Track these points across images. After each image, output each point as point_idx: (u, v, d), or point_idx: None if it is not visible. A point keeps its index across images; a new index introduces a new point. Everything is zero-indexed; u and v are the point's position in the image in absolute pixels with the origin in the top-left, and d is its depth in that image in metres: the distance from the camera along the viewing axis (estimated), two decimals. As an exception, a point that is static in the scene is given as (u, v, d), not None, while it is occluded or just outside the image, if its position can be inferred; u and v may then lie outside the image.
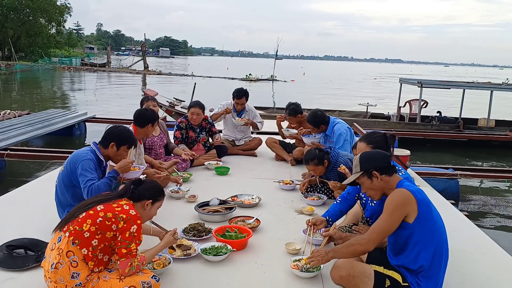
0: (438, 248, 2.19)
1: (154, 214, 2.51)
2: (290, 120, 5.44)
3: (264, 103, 15.50)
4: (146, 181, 2.51)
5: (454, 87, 12.89)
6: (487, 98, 11.54)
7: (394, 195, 2.20)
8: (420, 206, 2.14)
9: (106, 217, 2.16)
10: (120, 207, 2.22)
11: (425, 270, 2.17)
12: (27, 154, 6.77)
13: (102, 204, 2.23)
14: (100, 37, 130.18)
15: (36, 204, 3.77)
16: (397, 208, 2.15)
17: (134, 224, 2.19)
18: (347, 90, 32.09)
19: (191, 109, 5.30)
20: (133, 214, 2.22)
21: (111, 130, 3.14)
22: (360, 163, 2.38)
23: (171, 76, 38.72)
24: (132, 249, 2.18)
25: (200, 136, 5.44)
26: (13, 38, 43.67)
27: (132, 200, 2.36)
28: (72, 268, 2.11)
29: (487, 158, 10.08)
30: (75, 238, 2.13)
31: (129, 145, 3.16)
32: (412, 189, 2.20)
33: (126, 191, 2.38)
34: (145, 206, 2.41)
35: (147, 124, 3.98)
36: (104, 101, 18.87)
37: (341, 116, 12.09)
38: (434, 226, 2.19)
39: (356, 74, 64.46)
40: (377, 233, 2.18)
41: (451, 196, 5.64)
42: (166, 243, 2.58)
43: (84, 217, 2.17)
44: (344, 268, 2.24)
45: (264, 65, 59.97)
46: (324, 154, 3.99)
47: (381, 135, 3.02)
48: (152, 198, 2.43)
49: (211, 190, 4.23)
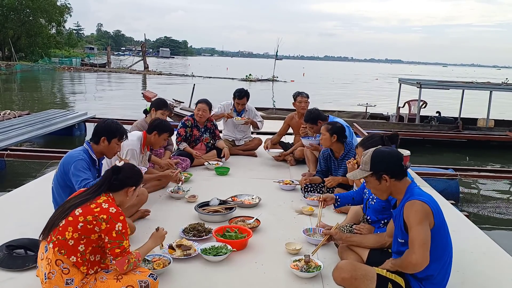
0: (447, 260, 2.18)
1: (134, 198, 2.47)
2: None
3: (264, 103, 15.49)
4: (125, 168, 2.39)
5: (453, 87, 12.88)
6: (487, 99, 11.54)
7: (414, 208, 2.10)
8: (436, 217, 2.11)
9: (86, 221, 2.09)
10: (99, 207, 2.14)
11: (431, 279, 2.16)
12: (27, 154, 6.77)
13: (80, 207, 2.14)
14: (100, 37, 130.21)
15: (36, 204, 3.76)
16: (423, 219, 2.07)
17: (117, 222, 2.12)
18: (349, 90, 32.08)
19: (198, 105, 5.34)
20: (114, 212, 2.14)
21: (99, 125, 3.15)
22: (371, 162, 2.25)
23: (171, 77, 38.71)
24: (125, 246, 2.15)
25: (203, 136, 5.46)
26: (13, 38, 43.67)
27: (114, 190, 2.29)
28: (65, 276, 2.08)
29: (486, 158, 10.06)
30: (60, 248, 2.08)
31: (120, 137, 3.15)
32: (426, 199, 2.13)
33: (104, 182, 2.28)
34: (128, 193, 2.35)
35: (153, 131, 4.01)
36: (104, 101, 18.87)
37: (340, 116, 12.09)
38: (446, 239, 2.18)
39: (357, 75, 64.44)
40: (421, 248, 2.04)
41: (451, 196, 5.63)
42: (155, 240, 2.51)
43: (64, 225, 2.11)
44: (346, 270, 2.21)
45: (264, 66, 59.95)
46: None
47: (378, 139, 3.04)
48: (135, 184, 2.38)
49: (211, 190, 4.23)
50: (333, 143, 4.05)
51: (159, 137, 4.00)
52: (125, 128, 3.29)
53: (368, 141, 3.08)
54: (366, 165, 2.27)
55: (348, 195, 3.19)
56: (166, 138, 4.10)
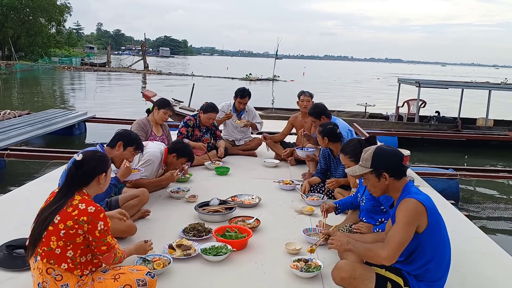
0: (444, 259, 2.19)
1: (109, 181, 2.39)
2: (303, 101, 5.57)
3: (263, 103, 15.49)
4: (87, 159, 2.26)
5: (452, 87, 12.87)
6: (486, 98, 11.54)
7: (406, 206, 2.11)
8: (430, 216, 2.10)
9: (68, 227, 2.04)
10: (76, 210, 2.07)
11: (429, 278, 2.17)
12: (27, 154, 6.77)
13: (58, 214, 2.06)
14: (100, 37, 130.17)
15: (36, 204, 3.71)
16: (411, 220, 2.08)
17: (98, 221, 2.08)
18: (349, 90, 32.07)
19: (210, 114, 5.32)
20: (93, 211, 2.08)
21: (120, 132, 3.23)
22: (373, 159, 2.23)
23: (171, 76, 38.71)
24: (110, 242, 2.13)
25: (204, 136, 5.48)
26: (13, 37, 43.66)
27: (85, 185, 2.21)
28: (58, 282, 2.05)
29: (485, 158, 10.06)
30: (49, 259, 2.04)
31: (136, 147, 3.22)
32: (421, 197, 2.13)
33: (72, 181, 2.19)
34: (100, 180, 2.27)
35: (173, 153, 4.07)
36: (104, 101, 18.86)
37: (339, 116, 12.08)
38: (442, 237, 2.18)
39: (357, 74, 64.42)
40: (396, 246, 2.07)
41: (451, 196, 5.64)
42: (138, 250, 2.53)
43: (46, 236, 2.05)
44: (345, 270, 2.22)
45: (264, 65, 59.95)
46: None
47: (356, 142, 3.14)
48: (103, 170, 2.29)
49: (211, 190, 4.23)
50: (328, 144, 4.08)
51: (177, 160, 4.08)
52: (143, 144, 3.37)
53: (347, 146, 3.17)
54: (367, 162, 2.26)
55: (347, 201, 3.23)
56: (183, 163, 4.15)
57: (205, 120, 5.34)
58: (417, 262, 2.17)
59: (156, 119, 4.83)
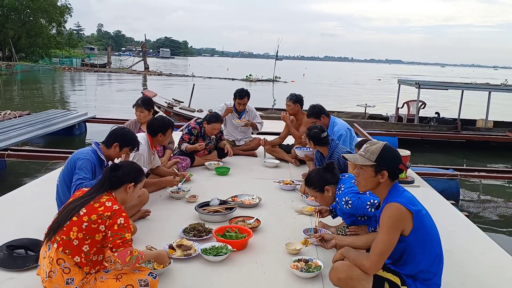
0: (434, 253, 2.19)
1: (137, 195, 2.52)
2: (288, 106, 5.53)
3: (264, 104, 15.50)
4: (123, 165, 2.43)
5: (452, 88, 12.87)
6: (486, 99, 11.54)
7: (389, 212, 2.11)
8: (416, 218, 2.11)
9: (91, 221, 2.12)
10: (102, 206, 2.18)
11: (424, 276, 2.18)
12: (28, 154, 6.77)
13: (85, 207, 2.17)
14: (100, 38, 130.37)
15: (36, 204, 3.77)
16: (394, 225, 2.09)
17: (119, 217, 2.15)
18: (349, 90, 32.07)
19: (215, 125, 5.21)
20: (117, 209, 2.18)
21: (116, 131, 3.19)
22: (379, 154, 2.22)
23: (171, 77, 38.72)
24: (127, 238, 2.14)
25: (208, 144, 5.42)
26: (14, 38, 43.70)
27: (114, 188, 2.33)
28: (65, 275, 2.09)
29: (484, 158, 10.07)
30: (65, 248, 2.10)
31: (132, 147, 3.22)
32: (404, 200, 2.13)
33: (104, 180, 2.32)
34: (128, 189, 2.38)
35: (157, 133, 4.05)
36: (105, 102, 18.88)
37: (339, 117, 12.07)
38: (429, 234, 2.18)
39: (357, 75, 64.43)
40: (378, 255, 2.11)
41: (451, 196, 5.64)
42: (159, 258, 2.52)
43: (68, 226, 2.13)
44: (342, 270, 2.21)
45: (264, 66, 59.97)
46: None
47: (315, 174, 3.07)
48: (134, 180, 2.41)
49: (211, 190, 4.23)
50: (315, 146, 4.16)
51: (165, 136, 4.11)
52: (139, 141, 3.36)
53: (309, 178, 3.08)
54: (372, 154, 2.23)
55: None
56: (171, 133, 4.24)
57: (210, 130, 5.25)
58: (408, 263, 2.18)
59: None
